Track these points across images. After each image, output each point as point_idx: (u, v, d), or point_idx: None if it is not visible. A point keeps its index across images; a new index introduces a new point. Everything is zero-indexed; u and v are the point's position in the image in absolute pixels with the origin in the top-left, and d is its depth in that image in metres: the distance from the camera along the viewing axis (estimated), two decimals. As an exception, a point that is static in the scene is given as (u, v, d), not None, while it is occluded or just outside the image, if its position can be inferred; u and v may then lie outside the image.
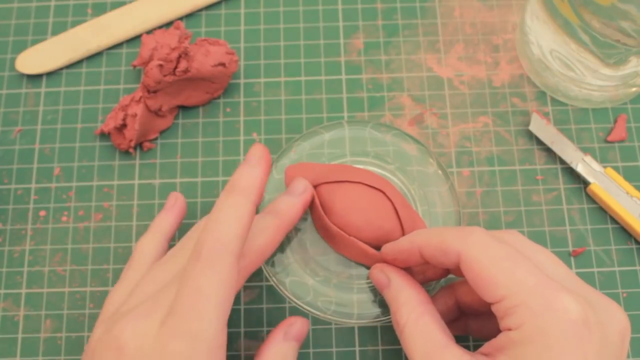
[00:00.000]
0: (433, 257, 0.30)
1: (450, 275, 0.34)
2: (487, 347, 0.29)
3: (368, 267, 0.36)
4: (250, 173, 0.30)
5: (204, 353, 0.27)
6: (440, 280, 0.35)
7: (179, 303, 0.28)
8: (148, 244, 0.36)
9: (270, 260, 0.36)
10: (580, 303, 0.27)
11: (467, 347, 0.38)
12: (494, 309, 0.28)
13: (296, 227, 0.37)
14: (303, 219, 0.38)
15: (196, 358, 0.27)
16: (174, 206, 0.38)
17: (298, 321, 0.33)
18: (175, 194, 0.39)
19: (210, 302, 0.28)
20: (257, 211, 0.33)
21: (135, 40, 0.45)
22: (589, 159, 0.41)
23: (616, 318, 0.28)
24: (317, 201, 0.36)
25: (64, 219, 0.41)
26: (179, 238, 0.40)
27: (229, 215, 0.29)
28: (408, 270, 0.34)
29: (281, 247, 0.37)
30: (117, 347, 0.29)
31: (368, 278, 0.36)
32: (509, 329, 0.27)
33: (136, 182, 0.42)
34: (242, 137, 0.43)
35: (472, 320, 0.35)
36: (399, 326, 0.31)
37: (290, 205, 0.34)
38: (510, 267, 0.28)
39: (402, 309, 0.31)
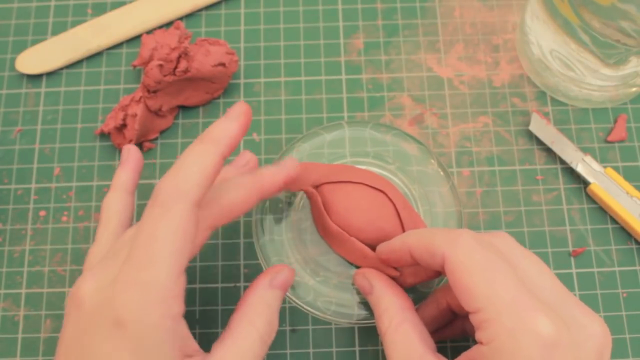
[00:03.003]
0: (421, 258, 0.30)
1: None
2: (462, 358, 0.29)
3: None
4: (224, 125, 0.29)
5: (157, 303, 0.26)
6: (436, 280, 0.35)
7: (133, 252, 0.27)
8: (112, 201, 0.35)
9: (270, 260, 0.36)
10: (554, 323, 0.26)
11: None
12: (471, 318, 0.28)
13: (297, 227, 0.37)
14: (304, 219, 0.38)
15: (148, 308, 0.26)
16: (128, 159, 0.37)
17: (284, 269, 0.32)
18: (126, 146, 0.37)
19: (164, 250, 0.26)
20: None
21: (135, 40, 0.45)
22: (589, 159, 0.41)
23: (594, 335, 0.28)
24: (319, 200, 0.36)
25: (64, 219, 0.41)
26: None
27: (192, 162, 0.28)
28: (401, 271, 0.34)
29: (282, 247, 0.37)
30: (77, 304, 0.28)
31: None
32: (482, 343, 0.27)
33: (136, 182, 0.42)
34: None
35: (467, 322, 0.35)
36: (381, 333, 0.32)
37: (273, 172, 0.32)
38: (490, 278, 0.28)
39: (383, 316, 0.32)
